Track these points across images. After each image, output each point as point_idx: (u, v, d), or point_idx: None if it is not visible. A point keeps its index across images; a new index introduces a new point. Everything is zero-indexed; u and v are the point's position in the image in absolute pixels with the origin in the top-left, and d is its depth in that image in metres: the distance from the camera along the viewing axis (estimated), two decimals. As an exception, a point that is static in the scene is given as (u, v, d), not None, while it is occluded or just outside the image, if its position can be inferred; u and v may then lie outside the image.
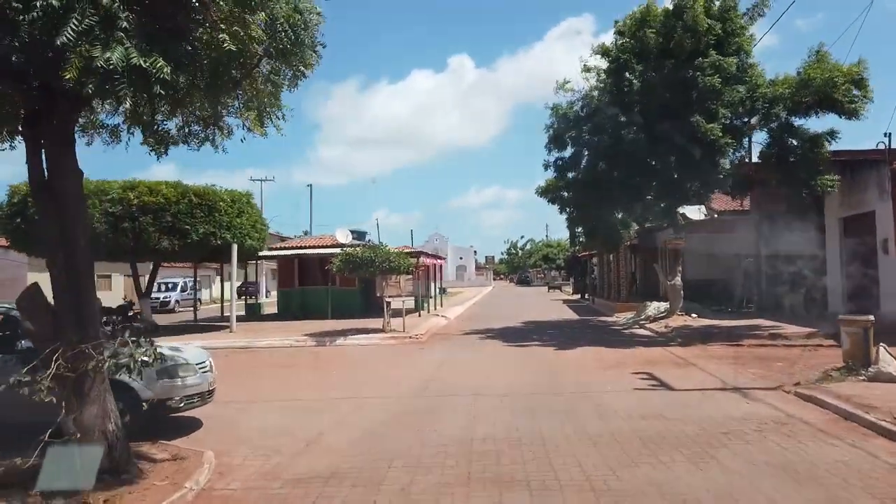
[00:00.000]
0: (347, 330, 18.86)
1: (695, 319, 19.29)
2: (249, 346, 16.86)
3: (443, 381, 11.14)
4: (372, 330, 18.52)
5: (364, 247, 18.45)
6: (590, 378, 11.00)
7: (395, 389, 10.35)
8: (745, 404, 8.63)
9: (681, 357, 13.18)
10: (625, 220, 22.20)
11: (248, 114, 6.78)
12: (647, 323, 20.13)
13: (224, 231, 19.06)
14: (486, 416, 8.27)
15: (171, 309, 36.51)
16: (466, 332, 20.08)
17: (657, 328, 18.55)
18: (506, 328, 21.25)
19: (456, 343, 17.07)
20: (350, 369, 12.91)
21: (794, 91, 15.66)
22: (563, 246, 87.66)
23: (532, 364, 12.82)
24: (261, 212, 21.67)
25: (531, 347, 15.61)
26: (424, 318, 24.39)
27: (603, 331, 20.22)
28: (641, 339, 17.23)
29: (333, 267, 17.84)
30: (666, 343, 15.62)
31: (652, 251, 30.77)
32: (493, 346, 16.21)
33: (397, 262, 17.79)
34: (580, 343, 16.15)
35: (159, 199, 17.97)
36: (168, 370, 7.22)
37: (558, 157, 20.01)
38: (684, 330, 17.23)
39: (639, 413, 8.19)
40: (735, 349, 14.16)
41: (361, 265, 17.32)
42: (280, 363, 13.98)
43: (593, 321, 24.37)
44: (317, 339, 17.23)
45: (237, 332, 19.39)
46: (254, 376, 12.25)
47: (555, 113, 19.59)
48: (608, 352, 14.43)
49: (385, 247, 18.35)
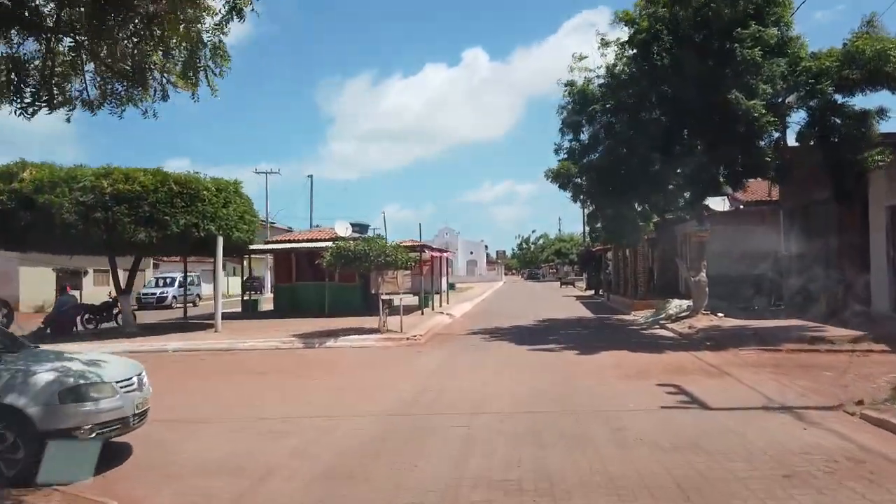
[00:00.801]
0: (341, 330, 17.36)
1: (721, 319, 17.58)
2: (231, 347, 15.40)
3: (437, 393, 9.57)
4: (367, 330, 17.01)
5: (358, 240, 16.90)
6: (608, 391, 9.39)
7: (379, 404, 8.80)
8: (803, 431, 6.98)
9: (712, 365, 11.51)
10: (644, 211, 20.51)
11: (169, 64, 5.29)
12: (669, 323, 18.44)
13: (208, 222, 17.59)
14: (483, 444, 6.70)
15: (168, 305, 35.24)
16: (471, 332, 18.50)
17: (680, 329, 16.86)
18: (515, 327, 19.65)
19: (458, 345, 15.50)
20: (333, 377, 11.38)
21: (840, 65, 13.89)
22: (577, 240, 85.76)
23: (541, 372, 11.22)
24: (251, 202, 20.19)
25: (541, 351, 14.00)
26: (428, 315, 22.85)
27: (621, 331, 18.56)
28: (664, 341, 15.56)
29: (324, 261, 16.31)
30: (693, 347, 13.94)
31: (671, 245, 29.04)
32: (499, 348, 14.63)
33: (394, 256, 16.24)
34: (596, 346, 14.53)
35: (136, 187, 16.52)
36: (75, 391, 5.70)
37: (572, 141, 18.37)
38: (712, 331, 15.53)
39: (670, 441, 6.58)
40: (773, 355, 12.46)
41: (354, 259, 15.79)
42: (257, 368, 12.48)
43: (610, 320, 22.69)
44: (305, 340, 15.74)
45: (222, 332, 17.95)
46: (221, 385, 10.75)
47: (569, 92, 17.93)
48: (628, 357, 12.80)
49: (381, 239, 16.80)
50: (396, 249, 16.65)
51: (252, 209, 20.18)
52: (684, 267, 18.39)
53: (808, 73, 14.06)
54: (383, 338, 15.90)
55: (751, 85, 13.82)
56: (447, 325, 20.83)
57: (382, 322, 16.68)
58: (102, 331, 19.74)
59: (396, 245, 17.05)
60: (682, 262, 18.52)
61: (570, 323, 21.67)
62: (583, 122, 18.09)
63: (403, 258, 16.71)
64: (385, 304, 16.76)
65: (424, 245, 22.96)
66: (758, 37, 13.72)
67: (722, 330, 15.86)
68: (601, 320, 22.58)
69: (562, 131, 18.21)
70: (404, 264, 16.87)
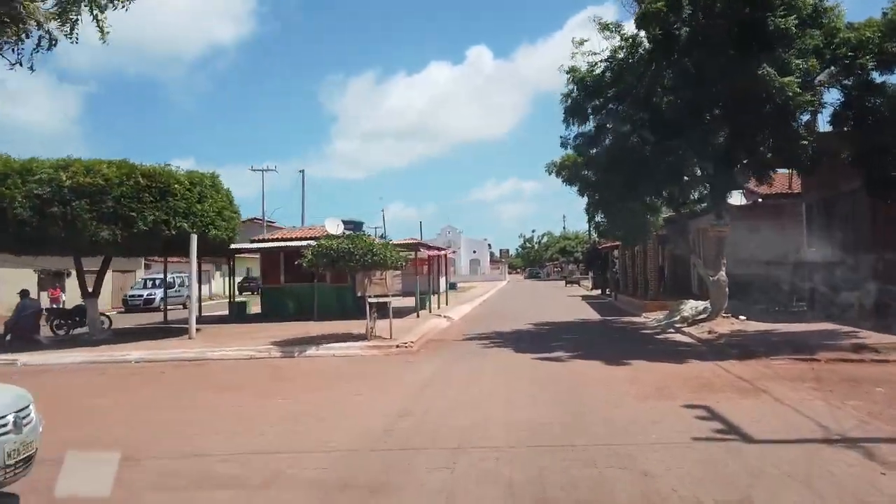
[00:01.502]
0: (325, 336, 15.82)
1: (744, 323, 15.98)
2: (200, 357, 13.88)
3: (419, 417, 8.02)
4: (354, 336, 15.47)
5: (342, 237, 15.34)
6: (625, 415, 7.81)
7: (347, 434, 7.25)
8: (881, 476, 5.41)
9: (743, 378, 9.92)
10: (654, 204, 18.89)
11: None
12: (685, 326, 16.84)
13: (180, 219, 16.05)
14: (466, 499, 5.15)
15: (156, 307, 33.69)
16: (469, 338, 16.94)
17: (699, 333, 15.26)
18: (516, 332, 18.08)
19: (452, 353, 13.95)
20: (304, 395, 9.81)
21: (882, 36, 12.28)
22: (582, 238, 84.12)
23: (544, 388, 9.64)
24: (231, 197, 18.62)
25: (544, 360, 12.43)
26: (424, 319, 21.30)
27: (632, 335, 16.97)
28: (682, 348, 13.96)
29: (304, 261, 14.77)
30: (716, 355, 12.34)
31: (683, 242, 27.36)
32: (497, 357, 13.06)
33: (382, 254, 14.69)
34: (605, 354, 12.96)
35: (98, 180, 14.99)
36: None
37: (578, 133, 16.80)
38: (735, 337, 13.95)
39: (712, 496, 5.02)
40: (810, 366, 10.86)
41: (338, 259, 14.24)
42: (219, 384, 10.94)
43: (618, 322, 21.09)
44: (283, 349, 14.20)
45: (197, 339, 16.43)
46: (166, 407, 9.19)
47: (572, 78, 16.35)
48: (644, 368, 11.21)
49: (368, 236, 15.24)
50: (385, 248, 15.10)
51: (232, 205, 18.63)
52: (701, 265, 16.76)
53: (846, 45, 12.44)
54: (370, 345, 14.35)
55: (783, 60, 12.20)
56: (443, 330, 19.26)
57: (370, 328, 15.14)
58: (69, 337, 18.27)
59: (385, 243, 15.49)
60: (698, 260, 16.93)
61: (576, 326, 20.09)
62: (588, 111, 16.53)
63: (393, 257, 15.16)
64: (373, 307, 15.21)
65: (420, 243, 21.41)
66: (792, 4, 12.10)
67: (746, 335, 14.27)
68: (609, 323, 20.98)
69: (566, 121, 16.63)
70: (394, 264, 15.32)
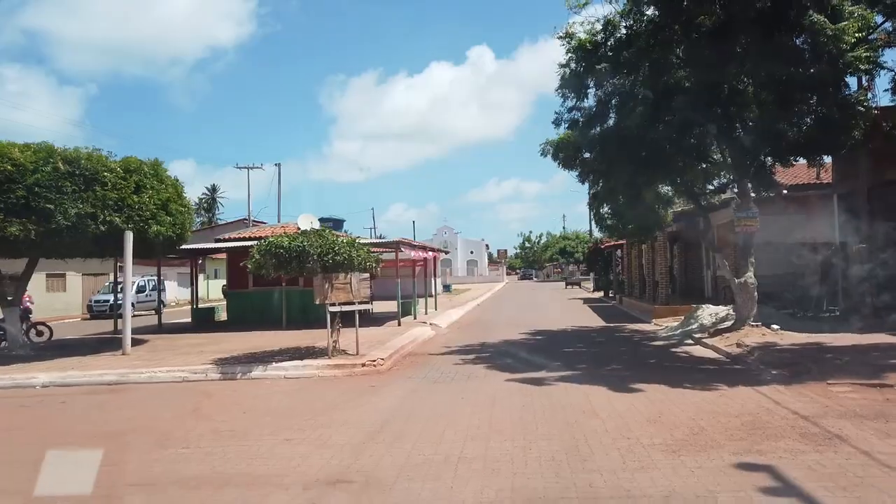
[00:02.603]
0: (282, 352, 13.38)
1: (777, 333, 13.50)
2: (122, 381, 11.39)
3: (363, 481, 5.56)
4: (315, 352, 13.02)
5: (297, 233, 12.83)
6: (653, 486, 5.32)
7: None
8: None
9: (803, 415, 7.45)
10: (666, 196, 16.42)
11: None
12: (706, 337, 14.37)
13: (110, 213, 13.60)
14: None
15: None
16: (452, 351, 14.49)
17: (725, 346, 12.80)
18: (508, 343, 15.62)
19: (427, 375, 11.47)
20: (205, 444, 7.25)
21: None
22: (582, 238, 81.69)
23: (537, 435, 7.16)
24: (180, 188, 16.13)
25: (538, 386, 9.96)
26: (406, 327, 18.85)
27: (643, 348, 14.50)
28: (708, 366, 11.49)
29: (249, 263, 12.30)
30: (756, 378, 9.88)
31: (694, 239, 24.93)
32: (481, 382, 10.58)
33: (346, 254, 12.24)
34: (615, 375, 10.53)
35: (6, 165, 12.53)
36: None
37: (576, 108, 14.33)
38: (772, 351, 11.49)
39: None
40: (883, 395, 8.37)
41: (290, 260, 11.78)
42: (113, 424, 8.39)
43: (625, 330, 18.62)
44: (225, 369, 11.72)
45: (132, 356, 13.94)
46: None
47: (569, 44, 13.89)
48: (666, 397, 8.74)
49: (329, 232, 12.75)
50: (351, 246, 12.63)
51: (182, 198, 16.13)
52: (725, 266, 14.28)
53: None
54: (330, 364, 11.87)
55: (832, 4, 9.74)
56: (425, 342, 16.77)
57: (333, 342, 12.66)
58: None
59: (352, 240, 13.00)
60: (722, 260, 14.42)
61: (578, 336, 17.61)
62: (589, 83, 14.08)
63: (361, 258, 12.70)
64: (336, 318, 12.74)
65: (401, 242, 18.97)
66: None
67: (784, 349, 11.81)
68: (616, 331, 18.49)
69: (563, 95, 14.17)
70: (363, 266, 12.84)
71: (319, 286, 12.17)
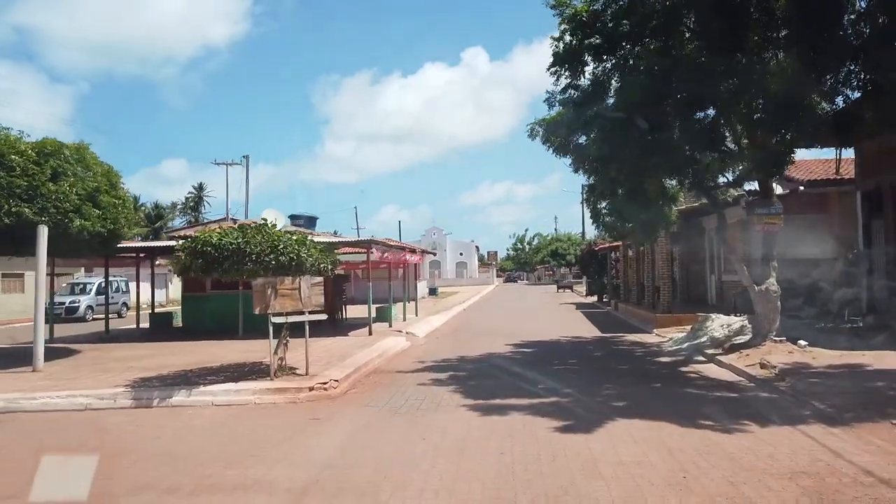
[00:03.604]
0: (220, 370, 11.29)
1: (806, 351, 11.50)
2: (9, 408, 9.22)
3: None
4: (260, 371, 10.89)
5: (231, 228, 10.66)
6: None
7: None
8: None
9: (880, 476, 5.42)
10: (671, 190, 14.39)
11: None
12: (720, 353, 12.36)
13: (19, 203, 11.47)
14: None
15: (81, 317, 28.97)
16: (424, 368, 12.42)
17: (745, 366, 10.77)
18: (489, 358, 13.56)
19: (389, 402, 9.38)
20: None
21: None
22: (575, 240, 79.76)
23: (516, 500, 5.12)
24: (115, 177, 13.98)
25: (524, 417, 7.91)
26: (378, 336, 16.74)
27: (647, 366, 12.46)
28: (729, 394, 9.42)
29: (173, 265, 10.17)
30: (793, 412, 7.85)
31: (698, 240, 23.01)
32: (452, 412, 8.50)
33: (294, 253, 10.14)
34: (617, 407, 8.50)
35: None
36: None
37: (570, 87, 12.30)
38: (805, 375, 9.47)
39: None
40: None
41: (223, 259, 9.66)
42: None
43: (624, 342, 16.58)
44: (140, 395, 9.57)
45: (43, 372, 11.74)
46: None
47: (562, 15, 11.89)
48: (688, 442, 6.67)
49: (273, 227, 10.61)
50: (301, 245, 10.52)
51: (116, 188, 13.94)
52: (744, 271, 12.26)
53: None
54: (270, 388, 9.75)
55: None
56: (395, 356, 14.66)
57: (278, 359, 10.55)
58: None
59: (303, 238, 10.86)
60: (738, 261, 12.39)
61: (572, 348, 15.57)
62: (586, 57, 12.05)
63: (313, 259, 10.60)
64: (283, 330, 10.64)
65: (374, 241, 16.85)
66: None
67: (819, 372, 9.80)
68: (613, 344, 16.44)
69: (555, 74, 12.11)
70: (317, 268, 10.73)
71: (259, 292, 10.05)
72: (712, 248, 22.27)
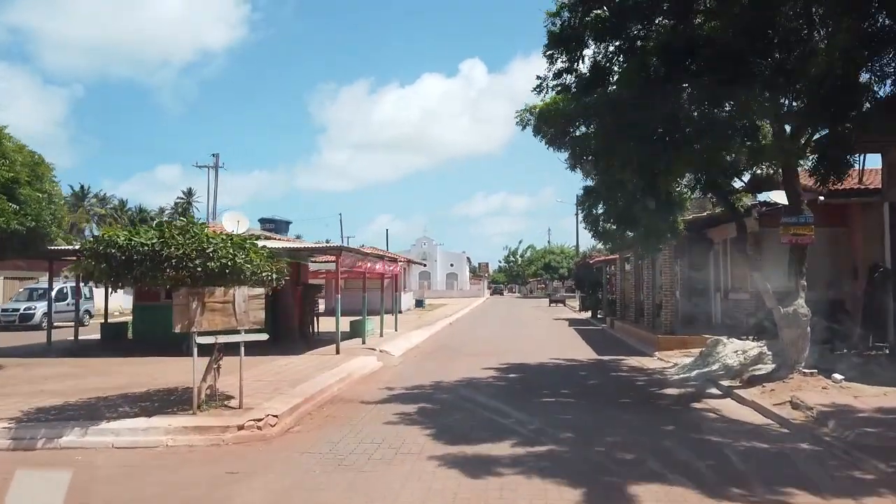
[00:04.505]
0: (139, 398, 9.36)
1: (841, 387, 9.69)
2: None
3: None
4: (186, 401, 8.95)
5: (146, 227, 8.71)
6: None
7: None
8: None
9: None
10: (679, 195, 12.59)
11: None
12: (738, 385, 10.52)
13: None
14: None
15: (36, 325, 26.83)
16: (391, 397, 10.53)
17: (772, 405, 8.94)
18: (470, 385, 11.71)
19: (337, 447, 7.49)
20: None
21: None
22: (568, 252, 78.08)
23: None
24: (43, 168, 12.12)
25: (501, 479, 6.06)
26: (346, 356, 14.84)
27: (654, 400, 10.58)
28: (760, 443, 7.54)
29: (70, 270, 8.26)
30: (851, 476, 6.03)
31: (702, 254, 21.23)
32: (412, 466, 6.62)
33: (228, 259, 8.25)
34: (622, 457, 6.65)
35: None
36: None
37: (567, 71, 10.53)
38: (852, 419, 7.63)
39: None
40: None
41: (130, 265, 7.77)
42: None
43: (623, 367, 14.73)
44: (22, 433, 7.62)
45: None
46: None
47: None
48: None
49: (201, 226, 8.70)
50: (239, 248, 8.63)
51: (40, 180, 12.07)
52: (768, 288, 10.45)
53: None
54: (191, 425, 7.84)
55: None
56: (362, 379, 12.74)
57: (206, 388, 8.66)
58: None
59: (241, 239, 8.95)
60: (763, 281, 10.55)
61: (564, 374, 13.71)
62: (585, 38, 10.30)
63: (255, 266, 8.71)
64: (216, 354, 8.76)
65: (343, 248, 14.92)
66: None
67: (867, 416, 7.97)
68: (612, 368, 14.58)
69: (549, 55, 10.33)
70: (258, 277, 8.84)
71: (181, 306, 8.16)
72: (718, 263, 20.51)
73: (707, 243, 20.65)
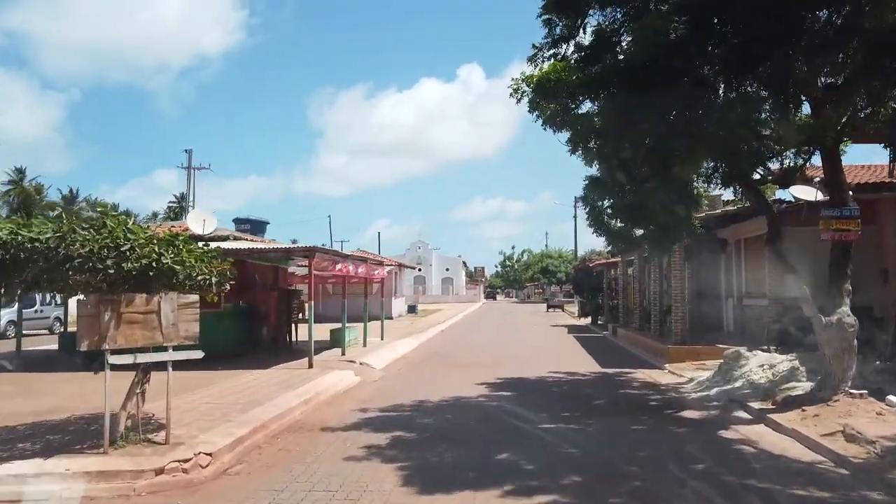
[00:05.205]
0: (51, 428, 7.73)
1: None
2: None
3: None
4: (91, 435, 7.26)
5: (39, 221, 7.08)
6: None
7: None
8: None
9: None
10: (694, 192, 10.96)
11: None
12: (770, 408, 8.91)
13: None
14: None
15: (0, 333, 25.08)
16: (363, 422, 8.90)
17: (820, 436, 7.34)
18: (457, 406, 10.10)
19: (279, 498, 5.85)
20: None
21: None
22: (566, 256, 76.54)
23: None
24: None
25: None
26: (319, 369, 13.21)
27: (673, 427, 8.92)
28: (820, 491, 5.91)
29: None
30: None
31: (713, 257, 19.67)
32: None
33: (148, 258, 6.63)
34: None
35: None
36: None
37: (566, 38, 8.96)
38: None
39: None
40: None
41: (20, 266, 6.16)
42: None
43: (631, 382, 13.10)
44: None
45: None
46: None
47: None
48: None
49: (119, 217, 7.08)
50: (169, 245, 7.01)
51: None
52: (807, 294, 8.83)
53: None
54: (98, 469, 6.20)
55: None
56: (330, 400, 11.06)
57: (126, 417, 7.04)
58: None
59: (171, 236, 7.33)
60: (802, 286, 8.90)
61: (566, 392, 12.09)
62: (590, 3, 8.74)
63: (190, 267, 7.09)
64: (143, 377, 7.16)
65: (316, 249, 13.28)
66: None
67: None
68: (619, 385, 12.92)
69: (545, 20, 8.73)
70: (195, 281, 7.21)
71: (89, 317, 6.54)
72: (731, 266, 18.92)
73: (719, 244, 19.07)
